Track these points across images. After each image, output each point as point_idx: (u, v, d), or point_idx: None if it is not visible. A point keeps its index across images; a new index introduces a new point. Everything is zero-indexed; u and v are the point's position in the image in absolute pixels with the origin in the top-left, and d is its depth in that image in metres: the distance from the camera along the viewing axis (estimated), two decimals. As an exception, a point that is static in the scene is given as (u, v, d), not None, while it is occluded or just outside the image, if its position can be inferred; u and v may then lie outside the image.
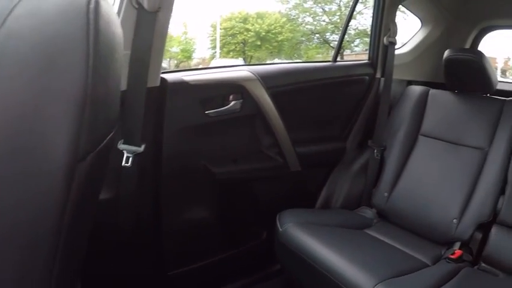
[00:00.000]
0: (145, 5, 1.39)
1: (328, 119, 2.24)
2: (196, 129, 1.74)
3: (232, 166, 1.89)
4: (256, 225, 2.09)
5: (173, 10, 1.52)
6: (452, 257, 1.72)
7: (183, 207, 1.82)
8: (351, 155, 2.27)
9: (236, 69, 1.87)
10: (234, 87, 1.79)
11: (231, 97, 1.79)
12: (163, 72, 1.62)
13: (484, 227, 1.82)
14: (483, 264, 1.75)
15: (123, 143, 1.48)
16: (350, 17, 2.32)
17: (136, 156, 1.49)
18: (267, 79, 1.86)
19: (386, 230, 1.95)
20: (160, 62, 1.55)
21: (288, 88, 1.96)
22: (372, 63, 2.31)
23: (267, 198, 2.05)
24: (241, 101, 1.81)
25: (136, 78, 1.44)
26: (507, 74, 10.83)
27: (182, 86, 1.65)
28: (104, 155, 0.72)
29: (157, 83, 1.57)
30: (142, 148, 1.49)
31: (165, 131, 1.64)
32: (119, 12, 1.42)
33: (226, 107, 1.78)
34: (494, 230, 1.78)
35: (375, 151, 2.19)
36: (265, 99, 1.85)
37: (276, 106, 1.88)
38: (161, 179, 1.70)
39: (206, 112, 1.73)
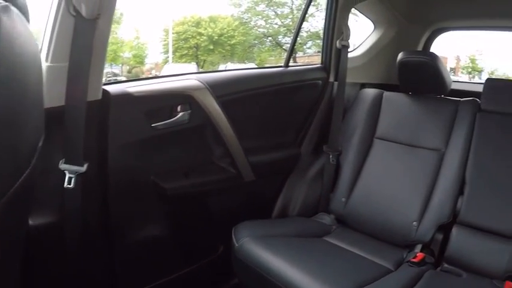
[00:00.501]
0: (84, 12, 1.32)
1: (281, 126, 2.22)
2: (143, 144, 1.68)
3: (184, 180, 1.83)
4: (212, 239, 2.04)
5: (114, 16, 1.47)
6: (414, 260, 1.73)
7: (134, 226, 1.76)
8: (306, 161, 2.26)
9: (183, 78, 1.82)
10: (181, 97, 1.74)
11: (178, 108, 1.74)
12: (105, 84, 1.55)
13: (444, 228, 1.86)
14: (446, 265, 1.78)
15: (65, 163, 1.40)
16: (302, 21, 2.31)
17: (79, 176, 1.42)
18: (216, 87, 1.82)
19: (346, 235, 1.95)
20: (102, 73, 1.48)
21: (238, 96, 1.93)
22: (325, 67, 2.31)
23: (222, 211, 2.01)
24: (189, 111, 1.76)
25: (76, 92, 1.37)
26: (459, 73, 11.19)
27: (126, 99, 1.59)
28: (22, 193, 0.64)
29: (99, 96, 1.50)
30: (85, 167, 1.42)
31: (109, 148, 1.57)
32: (55, 21, 1.34)
33: (173, 118, 1.73)
34: (454, 231, 1.81)
35: (331, 156, 2.19)
36: (214, 108, 1.81)
37: (226, 115, 1.85)
38: (109, 199, 1.63)
39: (153, 125, 1.67)
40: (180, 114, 1.74)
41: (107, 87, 1.55)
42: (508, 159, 1.86)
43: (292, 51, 2.29)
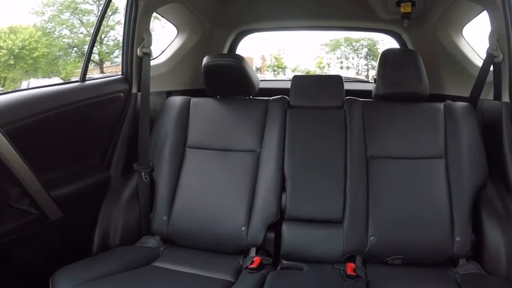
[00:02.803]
0: None
1: (84, 149, 2.05)
2: None
3: None
4: None
5: None
6: (252, 266, 1.78)
7: None
8: (117, 184, 2.12)
9: None
10: None
11: None
12: None
13: (275, 226, 1.94)
14: (285, 262, 1.88)
15: None
16: (97, 30, 2.18)
17: None
18: None
19: (177, 256, 1.92)
20: None
21: (28, 121, 1.70)
22: (127, 77, 2.21)
23: (34, 261, 1.79)
24: None
25: None
26: (264, 72, 11.90)
27: None
28: None
29: None
30: None
31: None
32: None
33: None
34: (285, 227, 1.92)
35: (143, 174, 2.10)
36: None
37: (15, 147, 1.60)
38: None
39: None
40: None
41: None
42: (318, 150, 2.03)
43: (88, 63, 2.12)
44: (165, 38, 2.76)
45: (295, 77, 2.27)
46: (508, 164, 1.83)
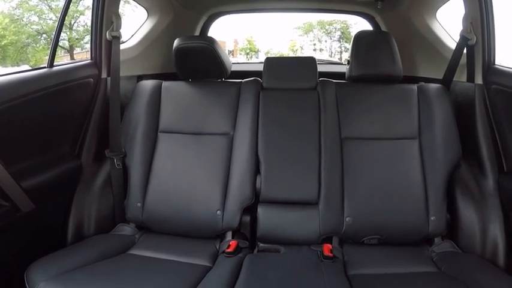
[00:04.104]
0: None
1: (53, 138, 1.98)
2: None
3: None
4: None
5: None
6: (229, 250, 1.78)
7: None
8: (89, 172, 2.08)
9: None
10: None
11: None
12: None
13: (250, 210, 1.95)
14: (261, 245, 1.89)
15: None
16: (64, 14, 2.09)
17: None
18: None
19: (153, 243, 1.90)
20: None
21: None
22: (96, 62, 2.14)
23: (10, 254, 1.74)
24: None
25: None
26: (237, 55, 11.87)
27: None
28: None
29: None
30: None
31: None
32: None
33: None
34: (260, 210, 1.92)
35: (115, 160, 2.06)
36: None
37: None
38: None
39: None
40: None
41: None
42: (292, 132, 2.03)
43: (55, 48, 2.03)
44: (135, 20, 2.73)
45: (267, 58, 2.26)
46: (481, 145, 1.87)
